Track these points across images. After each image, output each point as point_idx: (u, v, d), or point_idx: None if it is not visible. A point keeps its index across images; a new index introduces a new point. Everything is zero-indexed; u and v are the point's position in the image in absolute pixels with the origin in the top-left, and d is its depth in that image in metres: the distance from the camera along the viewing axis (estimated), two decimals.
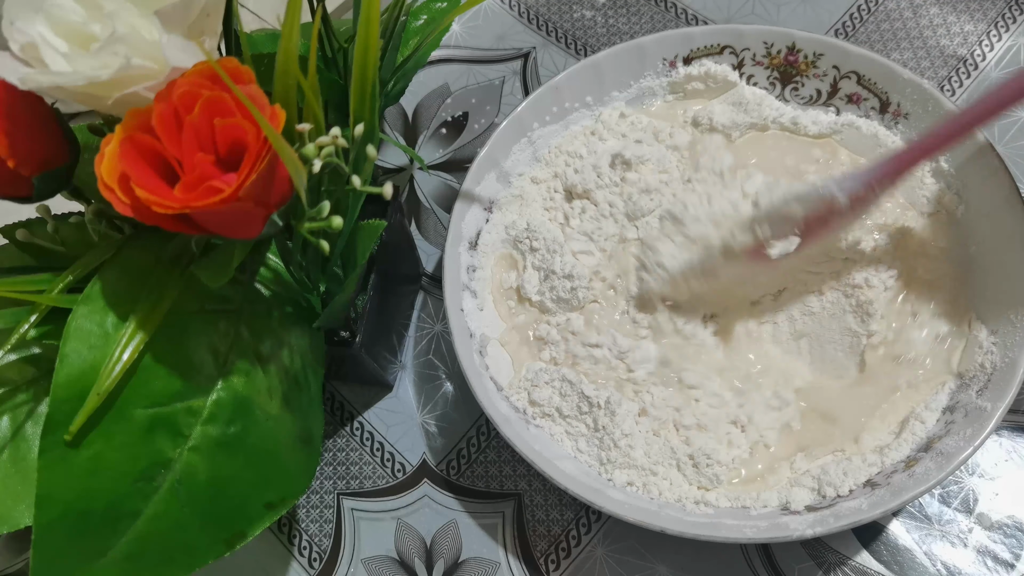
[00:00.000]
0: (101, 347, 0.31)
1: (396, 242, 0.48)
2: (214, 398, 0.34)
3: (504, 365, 0.45)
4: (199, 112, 0.27)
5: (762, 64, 0.49)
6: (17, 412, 0.35)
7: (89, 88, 0.28)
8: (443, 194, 0.56)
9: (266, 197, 0.29)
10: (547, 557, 0.45)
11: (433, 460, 0.48)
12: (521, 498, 0.47)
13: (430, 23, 0.49)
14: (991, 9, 0.56)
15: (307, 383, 0.40)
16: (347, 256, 0.39)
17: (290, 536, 0.48)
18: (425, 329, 0.52)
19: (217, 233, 0.30)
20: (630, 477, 0.41)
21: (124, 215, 0.27)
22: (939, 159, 0.45)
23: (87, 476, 0.31)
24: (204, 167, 0.27)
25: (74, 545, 0.30)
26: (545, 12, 0.61)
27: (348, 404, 0.51)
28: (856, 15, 0.57)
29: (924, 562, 0.42)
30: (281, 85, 0.31)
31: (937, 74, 0.54)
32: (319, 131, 0.32)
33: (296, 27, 0.30)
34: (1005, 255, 0.41)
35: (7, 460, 0.34)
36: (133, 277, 0.33)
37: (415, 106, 0.59)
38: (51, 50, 0.29)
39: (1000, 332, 0.40)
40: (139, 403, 0.32)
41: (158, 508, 0.32)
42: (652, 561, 0.44)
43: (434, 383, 0.50)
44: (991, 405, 0.37)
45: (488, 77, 0.60)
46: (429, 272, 0.54)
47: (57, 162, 0.33)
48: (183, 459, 0.33)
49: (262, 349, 0.37)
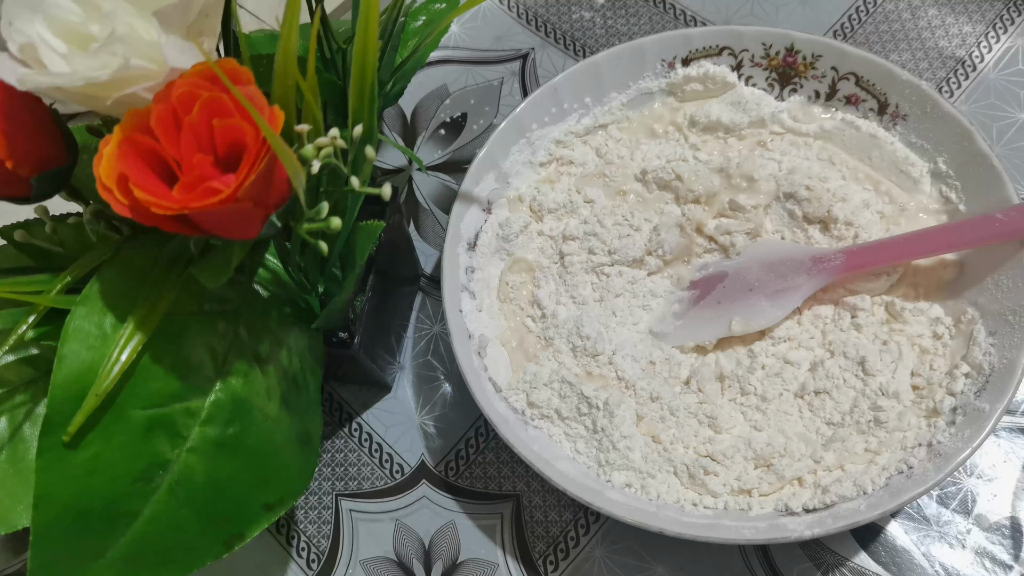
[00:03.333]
0: (99, 348, 0.31)
1: (395, 243, 0.48)
2: (212, 399, 0.34)
3: (503, 366, 0.45)
4: (198, 113, 0.27)
5: (761, 65, 0.49)
6: (15, 413, 0.35)
7: (87, 89, 0.28)
8: (442, 195, 0.56)
9: (265, 198, 0.29)
10: (545, 558, 0.45)
11: (431, 461, 0.48)
12: (519, 499, 0.47)
13: (429, 24, 0.49)
14: (989, 10, 0.56)
15: (306, 384, 0.40)
16: (346, 257, 0.39)
17: (288, 537, 0.48)
18: (424, 330, 0.52)
19: (215, 234, 0.30)
20: (628, 479, 0.41)
21: (122, 216, 0.27)
22: (937, 160, 0.45)
23: (85, 477, 0.31)
24: (203, 168, 0.27)
25: (72, 546, 0.30)
26: (544, 13, 0.61)
27: (347, 405, 0.51)
28: (855, 16, 0.57)
29: (922, 563, 0.42)
30: (280, 86, 0.31)
31: (936, 75, 0.54)
32: (318, 132, 0.32)
33: (295, 28, 0.30)
34: (1003, 256, 0.41)
35: (5, 461, 0.34)
36: (131, 278, 0.33)
37: (414, 107, 0.59)
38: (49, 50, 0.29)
39: (998, 333, 0.40)
40: (137, 404, 0.32)
41: (156, 509, 0.32)
42: (650, 562, 0.44)
43: (433, 384, 0.50)
44: (989, 406, 0.37)
45: (487, 78, 0.60)
46: (428, 273, 0.54)
47: (55, 163, 0.33)
48: (181, 460, 0.33)
49: (261, 350, 0.37)
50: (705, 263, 0.48)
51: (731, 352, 0.45)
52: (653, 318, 0.47)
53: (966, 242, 0.41)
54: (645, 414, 0.43)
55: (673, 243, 0.47)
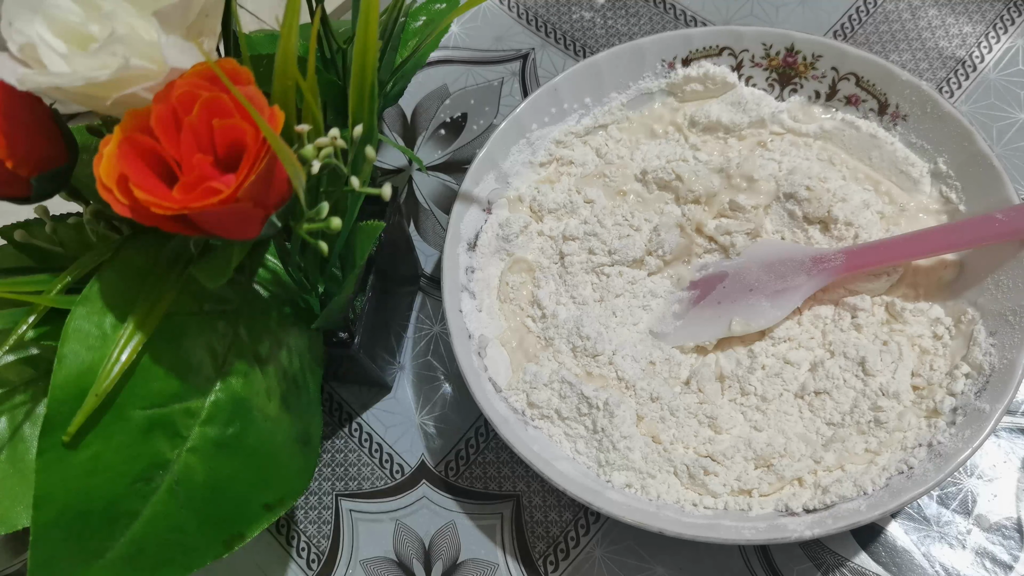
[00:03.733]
0: (99, 348, 0.31)
1: (395, 243, 0.48)
2: (212, 399, 0.34)
3: (503, 366, 0.45)
4: (198, 113, 0.27)
5: (761, 65, 0.49)
6: (15, 413, 0.35)
7: (87, 89, 0.28)
8: (442, 195, 0.56)
9: (265, 198, 0.29)
10: (545, 558, 0.45)
11: (431, 461, 0.48)
12: (519, 499, 0.47)
13: (429, 24, 0.49)
14: (989, 11, 0.56)
15: (305, 384, 0.40)
16: (345, 257, 0.39)
17: (288, 537, 0.48)
18: (424, 330, 0.52)
19: (215, 234, 0.30)
20: (629, 479, 0.41)
21: (122, 216, 0.27)
22: (937, 160, 0.45)
23: (85, 477, 0.31)
24: (203, 168, 0.27)
25: (72, 546, 0.30)
26: (544, 13, 0.61)
27: (346, 405, 0.51)
28: (855, 17, 0.57)
29: (922, 563, 0.42)
30: (280, 86, 0.31)
31: (936, 76, 0.54)
32: (318, 132, 0.32)
33: (295, 28, 0.30)
34: (1003, 256, 0.41)
35: (5, 461, 0.34)
36: (131, 278, 0.33)
37: (414, 107, 0.59)
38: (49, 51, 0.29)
39: (999, 333, 0.40)
40: (137, 404, 0.32)
41: (156, 509, 0.32)
42: (650, 562, 0.44)
43: (433, 384, 0.50)
44: (990, 406, 0.37)
45: (487, 78, 0.60)
46: (428, 273, 0.54)
47: (55, 163, 0.33)
48: (181, 460, 0.33)
49: (260, 350, 0.37)
50: (705, 263, 0.48)
51: (731, 352, 0.45)
52: (653, 318, 0.47)
53: (966, 242, 0.41)
54: (645, 414, 0.43)
55: (673, 243, 0.47)
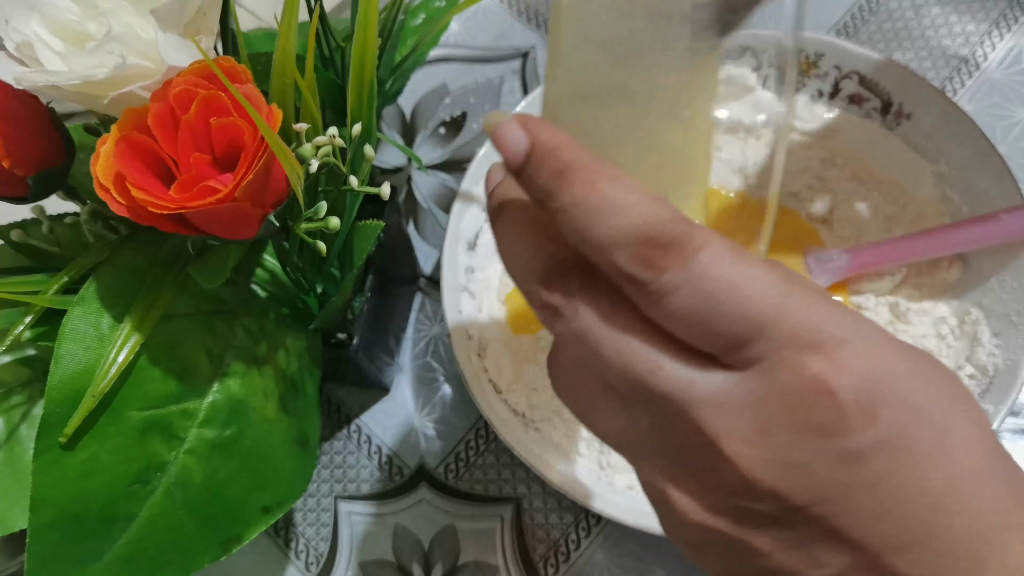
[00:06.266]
0: (96, 349, 0.31)
1: (394, 243, 0.48)
2: (210, 400, 0.34)
3: (503, 367, 0.45)
4: (195, 112, 0.27)
5: None
6: (12, 414, 0.35)
7: (85, 87, 0.28)
8: (441, 194, 0.56)
9: (262, 197, 0.29)
10: (546, 561, 0.45)
11: (431, 463, 0.48)
12: (520, 502, 0.46)
13: (428, 22, 0.49)
14: (993, 9, 0.55)
15: (304, 385, 0.39)
16: (344, 257, 0.39)
17: (287, 540, 0.48)
18: (423, 331, 0.52)
19: (213, 234, 0.30)
20: (630, 481, 0.41)
21: (120, 215, 0.27)
22: (940, 160, 0.45)
23: (82, 479, 0.30)
24: (200, 167, 0.27)
25: (69, 548, 0.30)
26: (544, 11, 0.61)
27: (345, 406, 0.50)
28: (857, 15, 0.57)
29: None
30: (278, 84, 0.31)
31: (939, 74, 0.54)
32: (316, 131, 0.32)
33: (293, 26, 0.30)
34: (1007, 256, 0.41)
35: (2, 463, 0.34)
36: (128, 278, 0.33)
37: (413, 105, 0.59)
38: (46, 49, 0.28)
39: (1003, 334, 0.39)
40: (134, 405, 0.32)
41: (153, 511, 0.32)
42: (652, 565, 0.44)
43: (432, 385, 0.50)
44: (993, 408, 0.37)
45: (487, 76, 0.59)
46: (427, 273, 0.54)
47: (52, 162, 0.33)
48: (178, 462, 0.33)
49: (258, 351, 0.37)
50: None
51: None
52: None
53: (970, 242, 0.41)
54: None
55: None
